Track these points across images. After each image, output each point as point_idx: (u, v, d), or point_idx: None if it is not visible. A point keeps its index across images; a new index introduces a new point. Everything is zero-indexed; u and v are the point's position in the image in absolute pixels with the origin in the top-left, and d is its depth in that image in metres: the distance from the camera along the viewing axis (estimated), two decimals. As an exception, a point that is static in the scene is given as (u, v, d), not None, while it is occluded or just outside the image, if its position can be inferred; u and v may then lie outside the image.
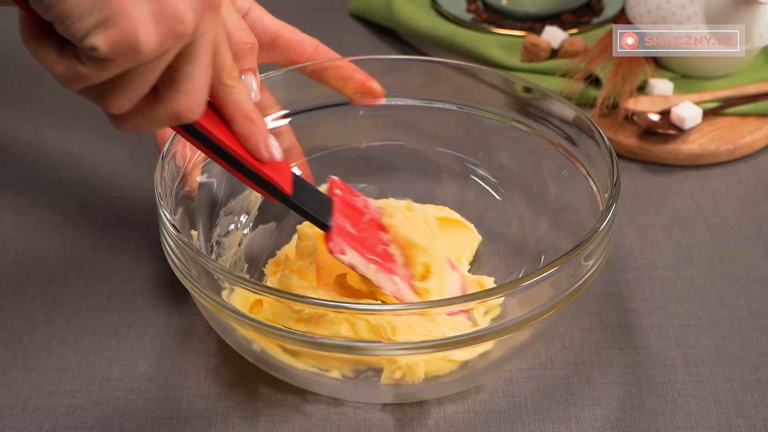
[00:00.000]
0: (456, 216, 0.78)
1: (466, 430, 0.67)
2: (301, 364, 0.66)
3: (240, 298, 0.66)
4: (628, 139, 0.91)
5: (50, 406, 0.69)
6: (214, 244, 0.74)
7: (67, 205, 0.86)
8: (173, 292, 0.77)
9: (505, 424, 0.68)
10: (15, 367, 0.72)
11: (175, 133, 0.70)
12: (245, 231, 0.77)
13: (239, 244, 0.76)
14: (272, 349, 0.66)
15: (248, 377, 0.71)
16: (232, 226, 0.76)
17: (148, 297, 0.77)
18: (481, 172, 0.80)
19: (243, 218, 0.77)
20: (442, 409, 0.69)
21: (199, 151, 0.73)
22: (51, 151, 0.92)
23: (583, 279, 0.64)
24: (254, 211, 0.78)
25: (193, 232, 0.71)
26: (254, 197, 0.78)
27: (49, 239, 0.83)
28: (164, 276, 0.79)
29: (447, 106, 0.80)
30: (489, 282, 0.74)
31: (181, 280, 0.66)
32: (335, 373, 0.66)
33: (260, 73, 0.74)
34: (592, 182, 0.72)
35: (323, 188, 0.73)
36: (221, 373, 0.71)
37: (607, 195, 0.67)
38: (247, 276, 0.75)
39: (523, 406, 0.69)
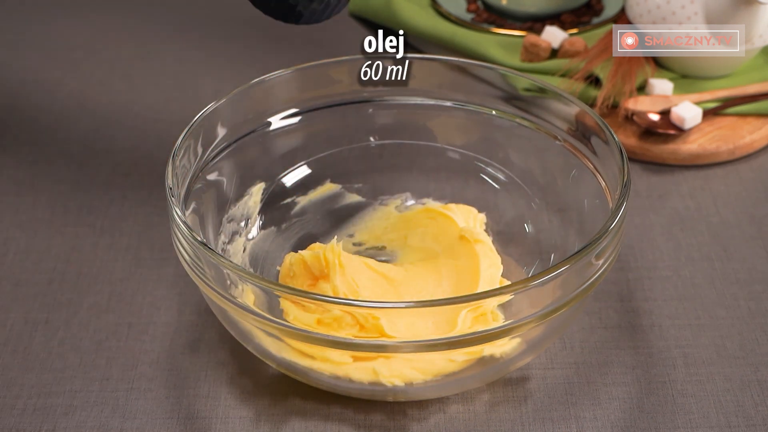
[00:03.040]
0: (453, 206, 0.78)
1: (466, 430, 0.67)
2: (316, 364, 0.65)
3: (252, 296, 0.66)
4: (628, 139, 0.91)
5: (50, 406, 0.69)
6: (220, 252, 0.74)
7: (67, 205, 0.86)
8: (173, 291, 0.77)
9: (505, 424, 0.68)
10: (15, 367, 0.72)
11: (186, 129, 0.70)
12: (249, 236, 0.77)
13: (243, 251, 0.76)
14: (289, 351, 0.66)
15: (247, 376, 0.71)
16: (235, 234, 0.76)
17: (148, 297, 0.77)
18: (490, 171, 0.80)
19: (243, 225, 0.77)
20: (442, 409, 0.69)
21: (210, 150, 0.73)
22: (51, 151, 0.92)
23: (594, 277, 0.64)
24: (254, 217, 0.77)
25: None
26: (252, 202, 0.77)
27: (49, 239, 0.82)
28: (164, 276, 0.79)
29: (455, 104, 0.80)
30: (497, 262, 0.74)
31: (197, 283, 0.65)
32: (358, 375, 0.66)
33: (267, 74, 0.75)
34: (601, 179, 0.72)
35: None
36: (221, 373, 0.71)
37: (617, 193, 0.67)
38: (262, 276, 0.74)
39: (523, 406, 0.69)
